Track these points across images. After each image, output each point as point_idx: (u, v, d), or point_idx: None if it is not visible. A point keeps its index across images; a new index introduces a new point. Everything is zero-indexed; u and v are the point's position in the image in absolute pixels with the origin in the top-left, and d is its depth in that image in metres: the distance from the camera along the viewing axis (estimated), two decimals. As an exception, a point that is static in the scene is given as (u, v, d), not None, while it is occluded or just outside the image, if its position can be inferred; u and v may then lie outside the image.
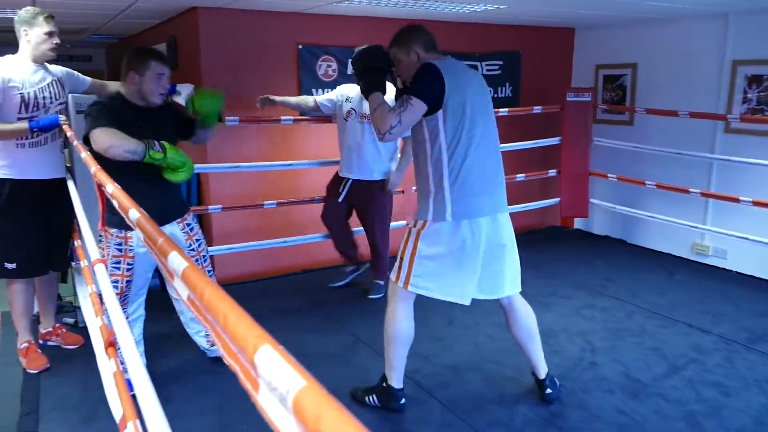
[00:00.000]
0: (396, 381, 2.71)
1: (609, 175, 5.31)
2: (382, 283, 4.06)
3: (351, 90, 3.89)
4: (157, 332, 3.49)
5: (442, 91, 2.30)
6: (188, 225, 2.93)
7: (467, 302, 2.56)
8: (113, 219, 2.52)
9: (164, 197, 2.83)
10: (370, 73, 2.50)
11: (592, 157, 5.44)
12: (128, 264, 2.76)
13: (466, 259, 2.46)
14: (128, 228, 2.72)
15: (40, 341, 3.39)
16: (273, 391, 0.50)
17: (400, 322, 2.60)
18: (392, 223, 4.22)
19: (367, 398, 2.77)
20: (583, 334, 3.53)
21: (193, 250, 2.94)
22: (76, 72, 3.34)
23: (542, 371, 2.81)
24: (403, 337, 2.63)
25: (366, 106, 3.59)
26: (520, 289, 2.70)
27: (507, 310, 2.76)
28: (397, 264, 2.56)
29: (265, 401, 0.54)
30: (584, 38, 5.82)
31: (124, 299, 2.81)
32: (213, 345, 3.16)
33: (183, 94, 3.04)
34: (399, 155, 3.96)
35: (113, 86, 3.43)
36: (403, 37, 2.48)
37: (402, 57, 2.47)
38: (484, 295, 2.61)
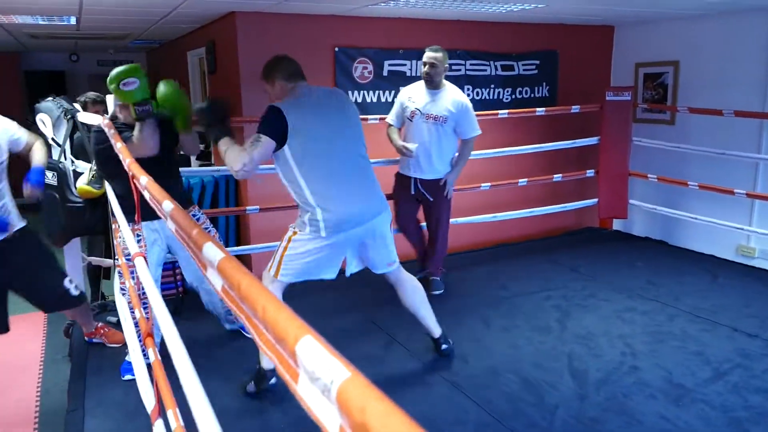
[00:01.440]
0: (267, 362, 2.84)
1: (649, 175, 5.19)
2: (438, 278, 4.20)
3: (411, 91, 4.00)
4: (193, 327, 3.56)
5: (284, 127, 2.54)
6: (194, 215, 3.15)
7: (332, 277, 2.83)
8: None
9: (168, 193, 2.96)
10: (213, 127, 2.73)
11: (631, 157, 5.32)
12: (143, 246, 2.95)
13: (330, 260, 2.75)
14: (136, 220, 2.85)
15: (86, 339, 3.48)
16: (315, 381, 0.50)
17: None
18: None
19: (247, 387, 2.89)
20: (624, 337, 3.45)
21: None
22: (14, 131, 2.99)
23: (436, 331, 3.15)
24: None
25: (431, 108, 3.85)
26: (397, 265, 2.96)
27: (394, 283, 3.01)
28: (272, 257, 2.79)
29: (306, 392, 0.54)
30: (624, 36, 5.70)
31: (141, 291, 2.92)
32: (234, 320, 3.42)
33: None
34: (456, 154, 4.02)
35: (32, 142, 3.10)
36: (266, 71, 2.74)
37: (268, 88, 2.74)
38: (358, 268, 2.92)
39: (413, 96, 3.95)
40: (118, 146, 2.29)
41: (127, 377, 3.06)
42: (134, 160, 1.90)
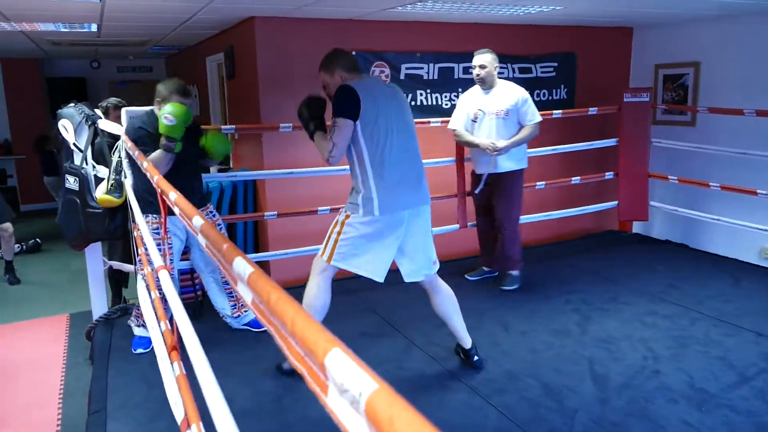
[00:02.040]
0: None
1: (670, 177, 5.13)
2: (515, 273, 4.35)
3: (470, 95, 4.24)
4: (213, 329, 3.59)
5: (358, 105, 2.68)
6: (210, 212, 3.45)
7: (381, 280, 2.87)
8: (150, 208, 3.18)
9: (187, 190, 3.17)
10: (310, 121, 2.87)
11: (651, 158, 5.27)
12: (168, 243, 3.21)
13: (383, 244, 2.82)
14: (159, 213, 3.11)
15: None
16: (344, 393, 0.50)
17: (320, 294, 2.92)
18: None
19: (283, 365, 3.09)
20: (645, 341, 3.41)
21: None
22: None
23: (467, 342, 3.13)
24: (319, 308, 2.92)
25: (492, 105, 4.07)
26: (437, 269, 3.00)
27: (430, 290, 3.04)
28: (324, 243, 2.89)
29: (335, 404, 0.54)
30: (643, 37, 5.65)
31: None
32: (238, 316, 3.64)
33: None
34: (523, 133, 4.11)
35: None
36: (327, 62, 2.86)
37: (328, 79, 2.85)
38: (410, 278, 2.94)
39: (473, 99, 4.19)
40: (144, 165, 2.37)
41: (139, 351, 3.38)
42: (162, 177, 1.94)
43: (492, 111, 4.06)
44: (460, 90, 5.04)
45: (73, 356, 3.93)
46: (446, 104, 5.01)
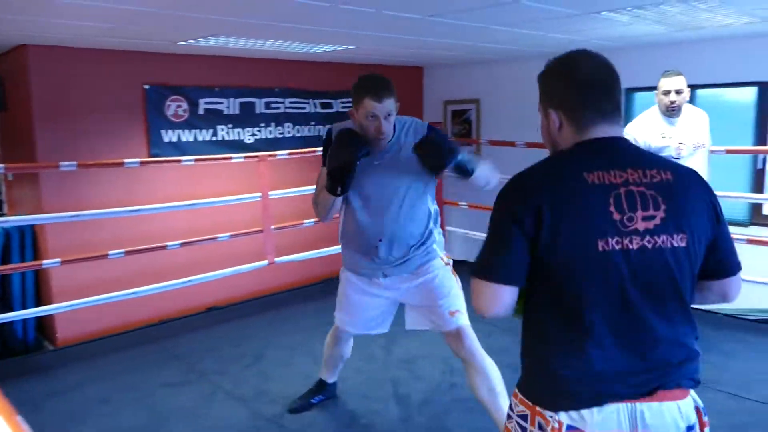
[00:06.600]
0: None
1: (460, 203, 5.58)
2: None
3: (654, 127, 3.49)
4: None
5: None
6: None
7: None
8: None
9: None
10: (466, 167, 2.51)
11: (444, 186, 5.69)
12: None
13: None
14: None
15: None
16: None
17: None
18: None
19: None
20: (445, 358, 3.60)
21: None
22: None
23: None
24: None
25: (691, 136, 3.46)
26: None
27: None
28: (454, 302, 2.85)
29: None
30: (432, 76, 6.14)
31: None
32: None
33: None
34: None
35: None
36: (393, 89, 2.43)
37: (394, 108, 2.43)
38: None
39: (662, 131, 3.47)
40: None
41: None
42: None
43: (697, 143, 3.49)
44: (262, 125, 5.03)
45: None
46: (249, 139, 4.96)
